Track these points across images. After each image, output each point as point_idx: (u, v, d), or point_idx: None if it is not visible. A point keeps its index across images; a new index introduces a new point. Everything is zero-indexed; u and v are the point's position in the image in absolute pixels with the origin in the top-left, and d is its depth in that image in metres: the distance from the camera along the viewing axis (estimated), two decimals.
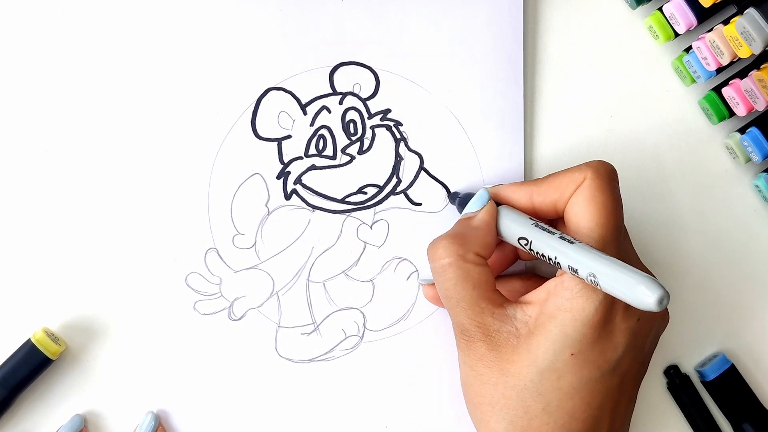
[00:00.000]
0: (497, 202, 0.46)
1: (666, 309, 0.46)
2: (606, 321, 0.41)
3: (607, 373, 0.41)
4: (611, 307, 0.41)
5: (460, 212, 0.47)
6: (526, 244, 0.43)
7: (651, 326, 0.44)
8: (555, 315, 0.41)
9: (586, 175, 0.42)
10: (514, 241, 0.44)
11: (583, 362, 0.41)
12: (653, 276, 0.43)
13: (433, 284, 0.46)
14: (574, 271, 0.39)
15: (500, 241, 0.46)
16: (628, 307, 0.41)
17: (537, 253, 0.42)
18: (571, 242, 0.40)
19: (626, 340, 0.42)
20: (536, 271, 0.51)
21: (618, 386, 0.42)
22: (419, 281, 0.51)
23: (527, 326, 0.42)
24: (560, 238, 0.41)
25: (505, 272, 0.49)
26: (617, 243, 0.42)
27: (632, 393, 0.45)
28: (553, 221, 0.46)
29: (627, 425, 0.46)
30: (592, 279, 0.38)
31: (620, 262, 0.38)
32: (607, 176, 0.43)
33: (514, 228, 0.44)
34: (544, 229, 0.42)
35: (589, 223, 0.42)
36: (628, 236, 0.46)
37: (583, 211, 0.42)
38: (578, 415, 0.41)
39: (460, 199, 0.48)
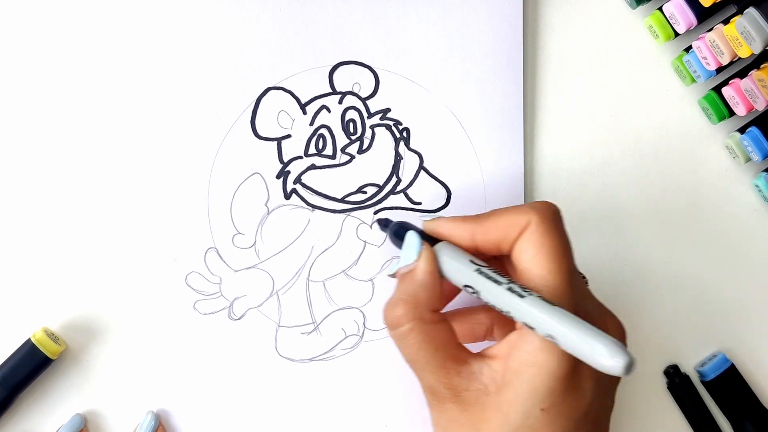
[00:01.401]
0: (436, 237, 0.43)
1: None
2: (573, 371, 0.39)
3: (579, 423, 0.40)
4: (575, 358, 0.39)
5: (393, 243, 0.44)
6: (472, 292, 0.40)
7: None
8: (520, 371, 0.39)
9: (531, 219, 0.41)
10: (459, 285, 0.41)
11: (555, 416, 0.39)
12: (614, 318, 0.42)
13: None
14: (531, 327, 0.38)
15: None
16: None
17: (485, 302, 0.40)
18: (522, 296, 0.38)
19: (593, 387, 0.40)
20: None
21: (592, 431, 0.41)
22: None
23: (495, 383, 0.40)
24: (509, 290, 0.39)
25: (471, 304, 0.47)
26: (571, 289, 0.40)
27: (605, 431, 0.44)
28: (496, 257, 0.44)
29: None
30: (551, 339, 0.37)
31: (579, 321, 0.37)
32: (552, 219, 0.41)
33: (458, 274, 0.41)
34: (490, 278, 0.40)
35: (540, 271, 0.40)
36: (579, 275, 0.43)
37: (533, 258, 0.40)
38: None
39: (392, 230, 0.45)
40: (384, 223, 0.46)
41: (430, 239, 0.43)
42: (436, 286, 0.42)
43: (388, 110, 0.51)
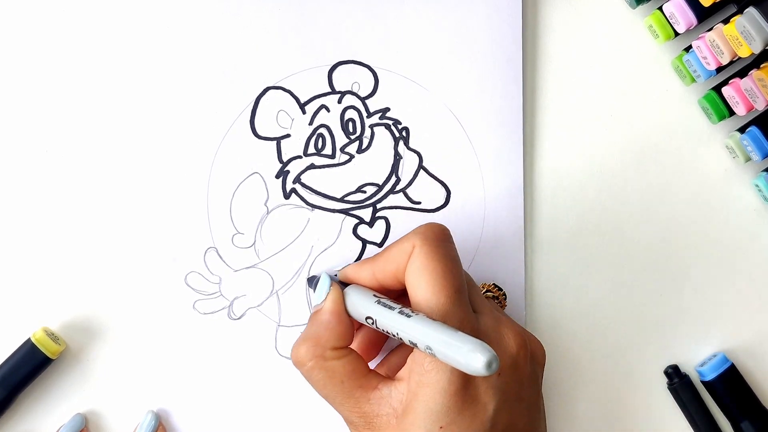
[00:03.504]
0: (347, 283, 0.45)
1: (540, 347, 0.45)
2: (465, 387, 0.40)
3: None
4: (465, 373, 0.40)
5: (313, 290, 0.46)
6: (372, 323, 0.42)
7: (520, 374, 0.43)
8: (417, 392, 0.40)
9: (414, 243, 0.42)
10: (363, 321, 0.43)
11: None
12: (514, 327, 0.43)
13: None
14: (414, 344, 0.39)
15: None
16: None
17: (383, 330, 0.41)
18: (408, 316, 0.39)
19: (494, 398, 0.40)
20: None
21: None
22: None
23: (402, 404, 0.41)
24: (399, 313, 0.40)
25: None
26: (457, 306, 0.41)
27: None
28: (404, 293, 0.45)
29: None
30: (429, 351, 0.38)
31: (451, 330, 0.38)
32: (435, 240, 0.42)
33: (360, 308, 0.43)
34: (386, 306, 0.41)
35: (424, 293, 0.41)
36: (476, 290, 0.44)
37: (417, 281, 0.41)
38: None
39: (314, 282, 0.47)
40: (311, 280, 0.49)
41: (345, 286, 0.45)
42: (339, 325, 0.43)
43: (388, 109, 0.51)
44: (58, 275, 0.50)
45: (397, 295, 0.44)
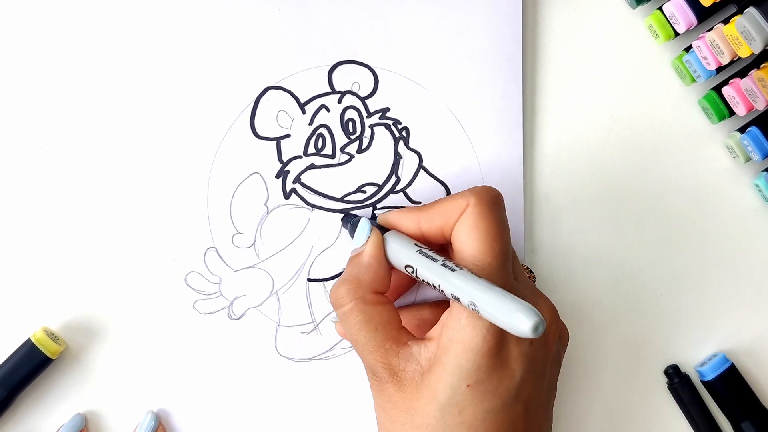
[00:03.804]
0: (387, 228, 0.46)
1: (566, 329, 0.46)
2: (498, 348, 0.40)
3: (509, 402, 0.41)
4: (501, 334, 0.40)
5: (352, 236, 0.46)
6: (412, 272, 0.42)
7: (548, 349, 0.43)
8: (448, 348, 0.40)
9: (469, 201, 0.42)
10: (402, 269, 0.43)
11: (482, 393, 0.40)
12: (548, 301, 0.43)
13: None
14: (457, 299, 0.39)
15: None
16: None
17: (423, 280, 0.42)
18: (453, 269, 0.40)
19: (523, 366, 0.41)
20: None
21: (524, 413, 0.41)
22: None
23: (429, 362, 0.41)
24: (442, 265, 0.40)
25: (417, 300, 0.49)
26: (502, 269, 0.41)
27: (542, 419, 0.44)
28: (444, 247, 0.45)
29: None
30: (473, 307, 0.38)
31: (500, 289, 0.38)
32: (490, 202, 0.42)
33: (401, 256, 0.43)
34: (428, 256, 0.42)
35: (472, 251, 0.41)
36: (518, 261, 0.45)
37: (467, 238, 0.42)
38: None
39: (351, 224, 0.47)
40: (347, 219, 0.49)
41: (383, 230, 0.45)
42: (380, 269, 0.44)
43: (388, 109, 0.51)
44: (58, 275, 0.50)
45: (437, 250, 0.44)
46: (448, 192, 0.51)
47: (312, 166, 0.50)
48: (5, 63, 0.50)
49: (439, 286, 0.40)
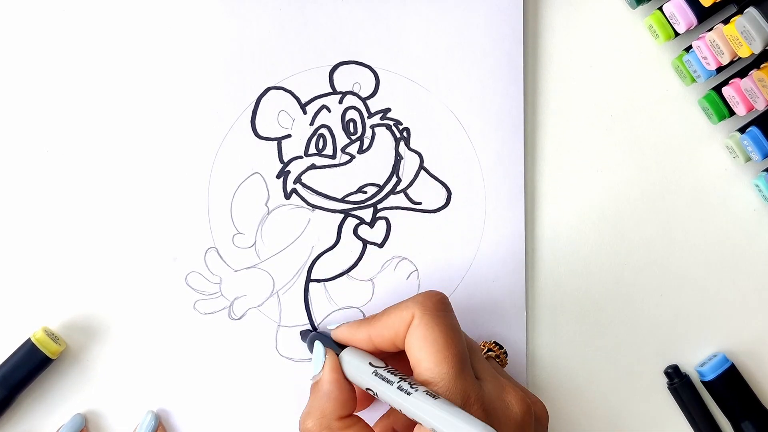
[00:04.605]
0: (344, 344, 0.45)
1: (543, 408, 0.45)
2: None
3: None
4: None
5: (310, 351, 0.46)
6: (374, 395, 0.42)
7: None
8: None
9: (414, 313, 0.42)
10: (363, 388, 0.43)
11: None
12: (518, 391, 0.42)
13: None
14: (419, 423, 0.39)
15: None
16: None
17: (386, 402, 0.41)
18: (408, 393, 0.39)
19: None
20: None
21: None
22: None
23: None
24: (398, 388, 0.40)
25: None
26: (459, 376, 0.41)
27: None
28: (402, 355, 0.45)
29: None
30: (434, 430, 0.38)
31: (457, 410, 0.38)
32: (434, 309, 0.42)
33: (360, 379, 0.43)
34: (384, 378, 0.41)
35: (427, 364, 0.41)
36: (478, 355, 0.44)
37: (419, 352, 0.41)
38: None
39: (309, 340, 0.47)
40: (305, 334, 0.50)
41: (341, 346, 0.45)
42: (342, 394, 0.43)
43: (389, 110, 0.51)
44: (58, 275, 0.50)
45: (393, 356, 0.45)
46: (449, 193, 0.51)
47: (313, 167, 0.50)
48: (5, 63, 0.50)
49: (401, 411, 0.40)
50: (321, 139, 0.50)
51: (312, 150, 0.50)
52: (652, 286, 0.53)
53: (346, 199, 0.51)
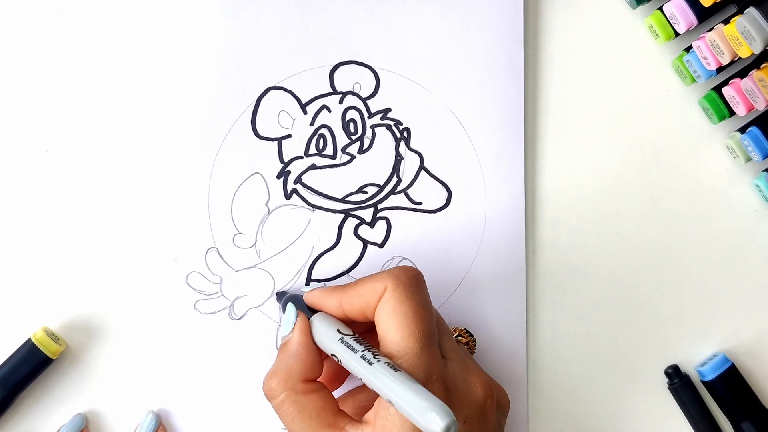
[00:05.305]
0: (317, 308, 0.45)
1: (505, 396, 0.45)
2: None
3: None
4: None
5: (283, 312, 0.46)
6: (338, 361, 0.42)
7: (486, 423, 0.42)
8: None
9: (387, 285, 0.42)
10: (329, 354, 0.43)
11: None
12: (481, 375, 0.42)
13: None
14: (378, 394, 0.39)
15: None
16: None
17: (348, 369, 0.41)
18: (371, 363, 0.39)
19: None
20: None
21: None
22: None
23: None
24: (361, 357, 0.40)
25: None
26: (425, 352, 0.41)
27: None
28: (371, 325, 0.44)
29: None
30: (390, 403, 0.38)
31: (416, 385, 0.38)
32: (407, 284, 0.42)
33: (326, 344, 0.43)
34: (348, 346, 0.41)
35: (393, 337, 0.41)
36: (448, 336, 0.44)
37: (387, 324, 0.41)
38: None
39: (283, 303, 0.47)
40: (280, 296, 0.49)
41: (312, 310, 0.45)
42: (309, 357, 0.43)
43: (389, 110, 0.51)
44: (58, 275, 0.50)
45: (365, 329, 0.44)
46: (449, 193, 0.51)
47: (313, 167, 0.50)
48: (6, 63, 0.50)
49: (361, 380, 0.40)
50: (321, 139, 0.50)
51: (312, 150, 0.50)
52: (652, 286, 0.53)
53: (347, 199, 0.51)
